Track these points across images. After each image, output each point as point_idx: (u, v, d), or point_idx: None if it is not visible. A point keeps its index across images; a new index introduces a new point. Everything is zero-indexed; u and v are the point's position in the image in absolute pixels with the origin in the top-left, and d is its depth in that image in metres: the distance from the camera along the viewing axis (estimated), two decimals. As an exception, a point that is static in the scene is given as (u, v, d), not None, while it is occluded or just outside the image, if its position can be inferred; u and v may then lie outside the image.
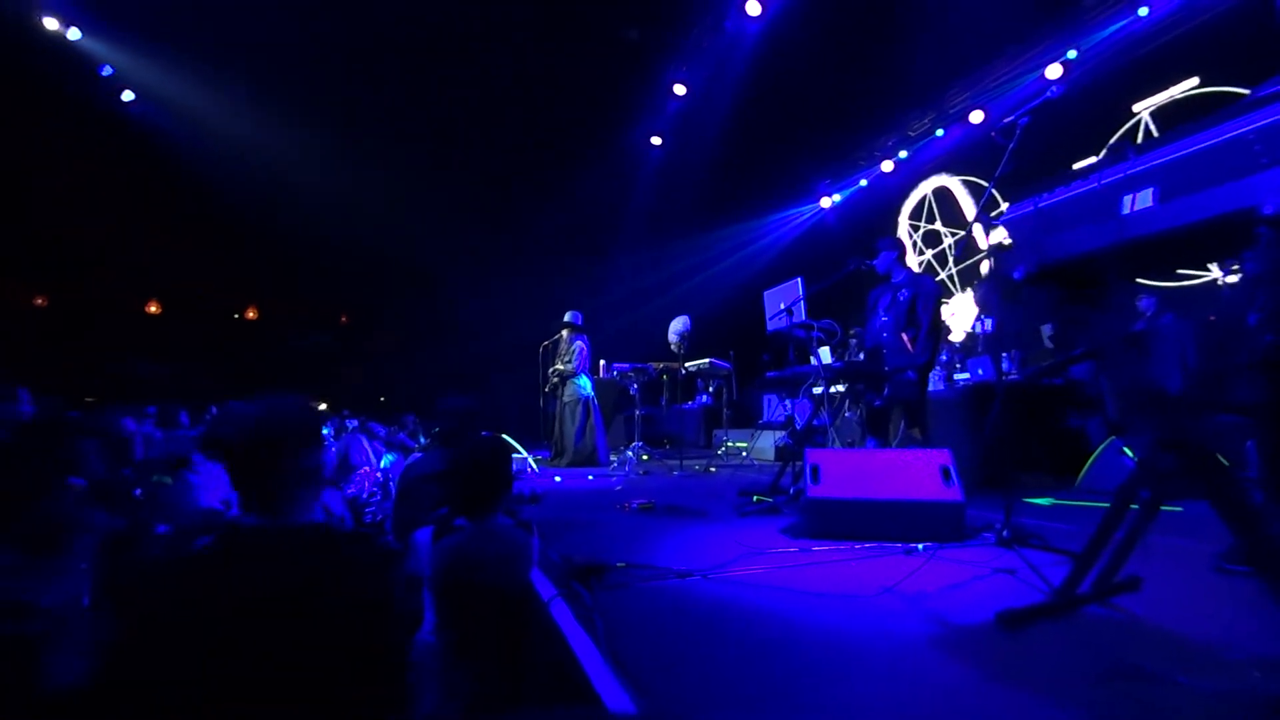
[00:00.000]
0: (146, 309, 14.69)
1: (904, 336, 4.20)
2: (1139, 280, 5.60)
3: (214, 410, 4.19)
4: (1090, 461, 4.34)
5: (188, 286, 14.28)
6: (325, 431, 6.92)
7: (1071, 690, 1.40)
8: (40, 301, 13.57)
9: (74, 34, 8.64)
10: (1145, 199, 1.82)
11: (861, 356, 4.61)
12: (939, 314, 4.25)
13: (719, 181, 11.46)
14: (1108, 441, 4.28)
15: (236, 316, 15.76)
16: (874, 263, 4.44)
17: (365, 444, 5.25)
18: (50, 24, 8.35)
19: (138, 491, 2.92)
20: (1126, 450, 4.05)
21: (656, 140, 11.51)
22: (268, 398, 1.47)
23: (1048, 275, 2.01)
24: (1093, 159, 2.17)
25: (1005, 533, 2.60)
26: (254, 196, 11.23)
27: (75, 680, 1.55)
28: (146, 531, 2.46)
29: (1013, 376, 5.05)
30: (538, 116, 10.89)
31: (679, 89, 10.07)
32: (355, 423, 8.53)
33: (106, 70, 9.35)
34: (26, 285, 13.26)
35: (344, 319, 16.41)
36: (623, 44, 9.56)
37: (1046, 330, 5.72)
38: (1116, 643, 1.69)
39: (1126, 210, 1.82)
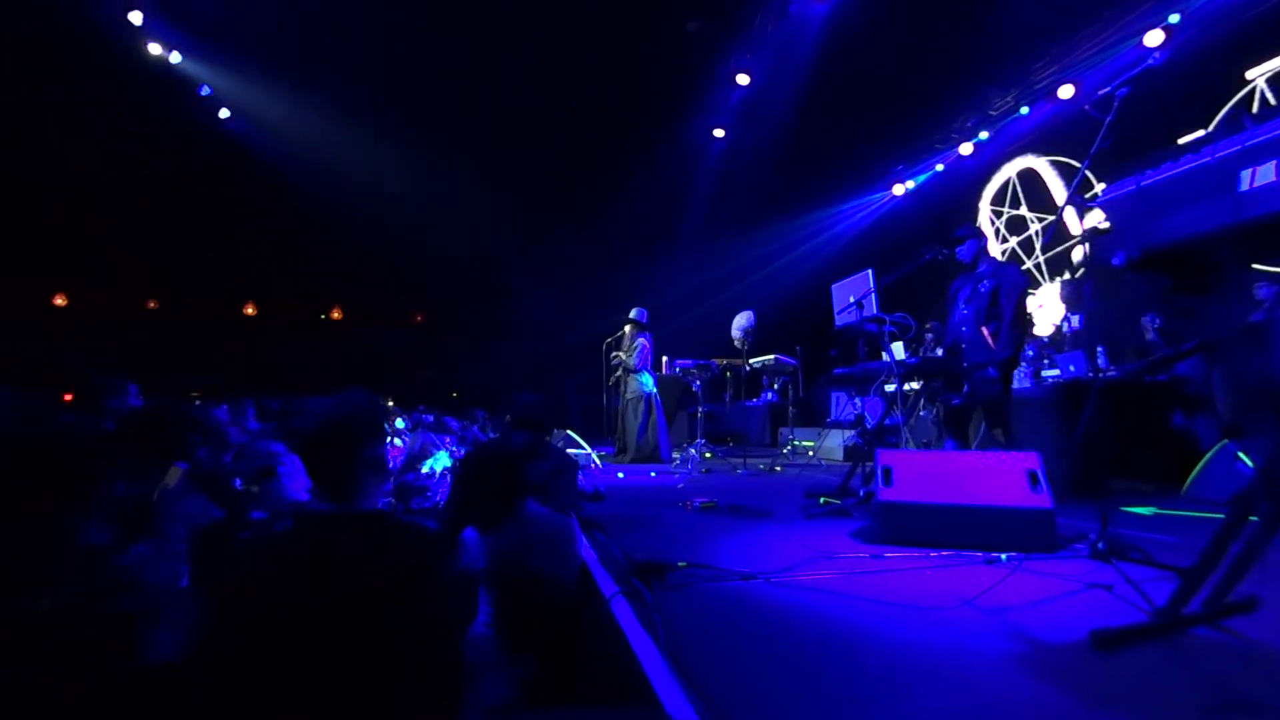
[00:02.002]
0: (244, 311, 15.85)
1: (985, 331, 3.94)
2: (1257, 265, 5.05)
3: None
4: (1199, 468, 3.93)
5: (279, 290, 15.32)
6: (401, 425, 7.25)
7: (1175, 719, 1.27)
8: (152, 305, 14.92)
9: (175, 58, 9.40)
10: (1266, 173, 1.62)
11: (939, 352, 4.36)
12: (1024, 306, 3.95)
13: (784, 172, 11.20)
14: (1219, 445, 3.87)
15: (323, 317, 16.74)
16: (958, 251, 4.17)
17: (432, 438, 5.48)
18: (154, 50, 9.11)
19: (237, 482, 3.13)
20: (1242, 456, 3.65)
21: (719, 132, 11.34)
22: (336, 395, 1.59)
23: (1152, 261, 1.83)
24: (1201, 132, 1.95)
25: (1100, 544, 2.38)
26: (336, 202, 11.92)
27: (170, 655, 1.68)
28: (243, 519, 2.64)
29: (1110, 373, 4.65)
30: (600, 114, 10.98)
31: (742, 78, 9.87)
32: (430, 418, 8.90)
33: (205, 90, 10.13)
34: (140, 292, 14.63)
35: (419, 318, 17.13)
36: (684, 36, 9.47)
37: (1150, 322, 5.24)
38: (1227, 670, 1.52)
39: (1244, 186, 1.63)
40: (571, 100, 10.66)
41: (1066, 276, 8.29)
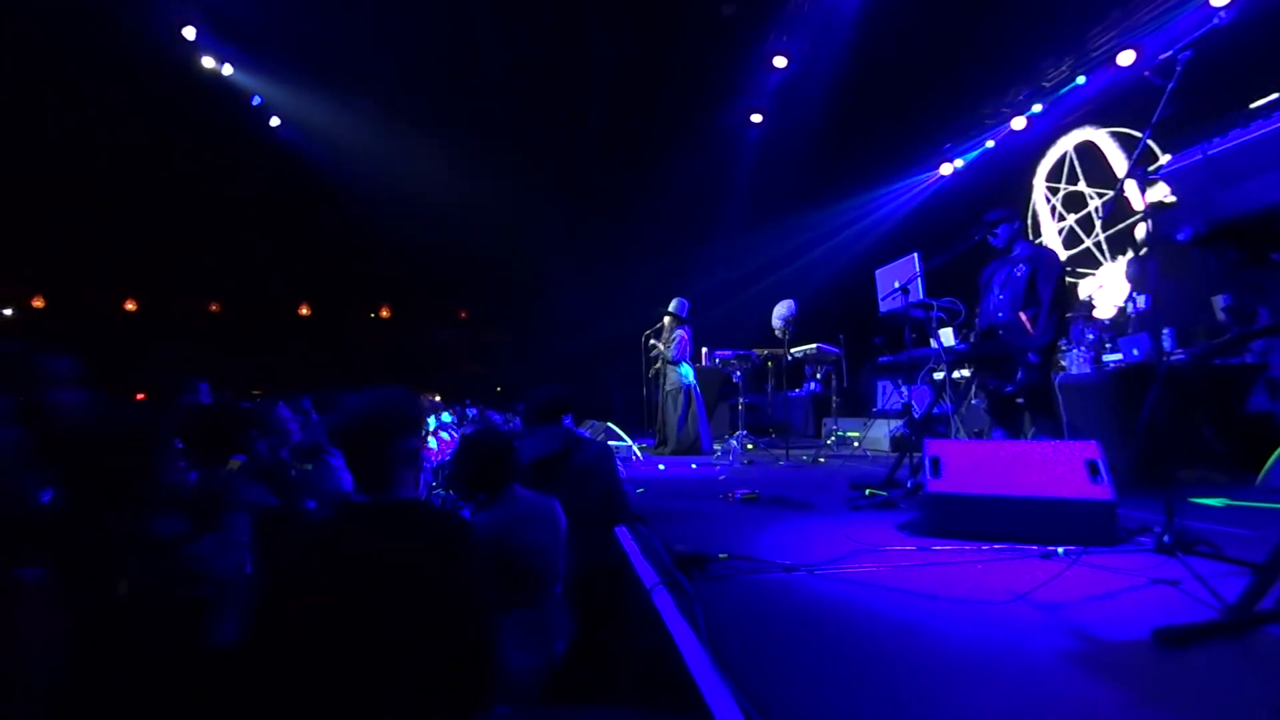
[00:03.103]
0: (299, 311, 16.53)
1: (1023, 316, 3.80)
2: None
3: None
4: (1275, 456, 3.68)
5: (331, 291, 15.93)
6: (448, 419, 7.44)
7: (1250, 725, 1.20)
8: (214, 308, 15.72)
9: (227, 70, 9.81)
10: (1352, 138, 1.50)
11: (973, 338, 4.23)
12: (1062, 289, 3.83)
13: (825, 155, 10.92)
14: (1300, 431, 3.62)
15: (373, 316, 17.32)
16: (991, 236, 4.03)
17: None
18: (207, 63, 9.53)
19: (294, 473, 3.29)
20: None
21: (757, 118, 11.14)
22: (373, 390, 1.72)
23: (1222, 235, 1.71)
24: (1274, 95, 1.82)
25: (1166, 537, 2.26)
26: (382, 204, 12.29)
27: (232, 640, 1.79)
28: (296, 509, 2.78)
29: (1176, 356, 4.39)
30: (636, 102, 10.92)
31: (779, 61, 9.65)
32: (475, 411, 9.11)
33: (256, 100, 10.55)
34: (204, 295, 15.45)
35: (464, 315, 17.51)
36: (719, 19, 9.32)
37: (1220, 301, 4.90)
38: (1311, 672, 1.42)
39: (1327, 153, 1.51)
40: (607, 90, 10.65)
41: (1129, 255, 7.85)
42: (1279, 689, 1.33)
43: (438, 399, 10.16)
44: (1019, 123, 9.62)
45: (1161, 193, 2.00)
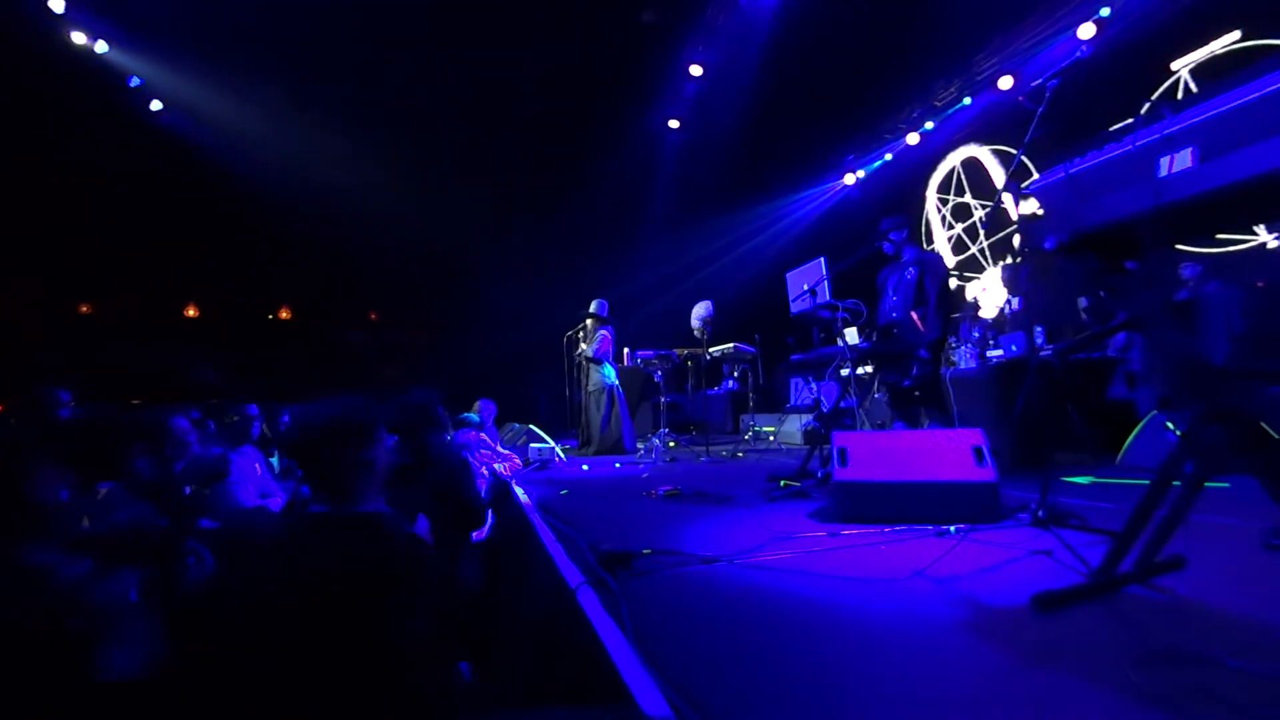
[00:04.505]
0: (185, 313, 15.15)
1: (914, 315, 4.13)
2: (1181, 246, 5.36)
3: (251, 410, 4.32)
4: (1132, 437, 4.19)
5: (222, 290, 14.68)
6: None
7: (1111, 673, 1.36)
8: (85, 309, 14.11)
9: (101, 47, 8.88)
10: (1184, 159, 1.73)
11: (874, 337, 4.56)
12: (947, 290, 4.20)
13: (740, 163, 11.30)
14: (1150, 416, 4.13)
15: (271, 317, 16.14)
16: (883, 244, 4.37)
17: None
18: (78, 39, 8.59)
19: (188, 491, 3.03)
20: (1170, 425, 3.90)
21: (674, 124, 11.37)
22: (330, 400, 1.71)
23: (1082, 244, 1.93)
24: (1129, 120, 2.07)
25: (1041, 513, 2.52)
26: (282, 198, 11.46)
27: (129, 673, 1.63)
28: (189, 530, 2.56)
29: (1046, 351, 4.90)
30: (557, 105, 10.86)
31: (695, 70, 9.92)
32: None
33: (135, 81, 9.60)
34: (71, 293, 13.80)
35: (374, 316, 16.69)
36: (638, 27, 9.44)
37: (1082, 302, 5.52)
38: (1159, 624, 1.63)
39: (1164, 172, 1.73)
40: (528, 92, 10.51)
41: (1007, 261, 8.64)
42: (1138, 643, 1.51)
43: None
44: (913, 138, 10.38)
45: (1033, 206, 2.22)
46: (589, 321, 7.33)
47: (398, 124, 11.13)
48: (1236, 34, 6.24)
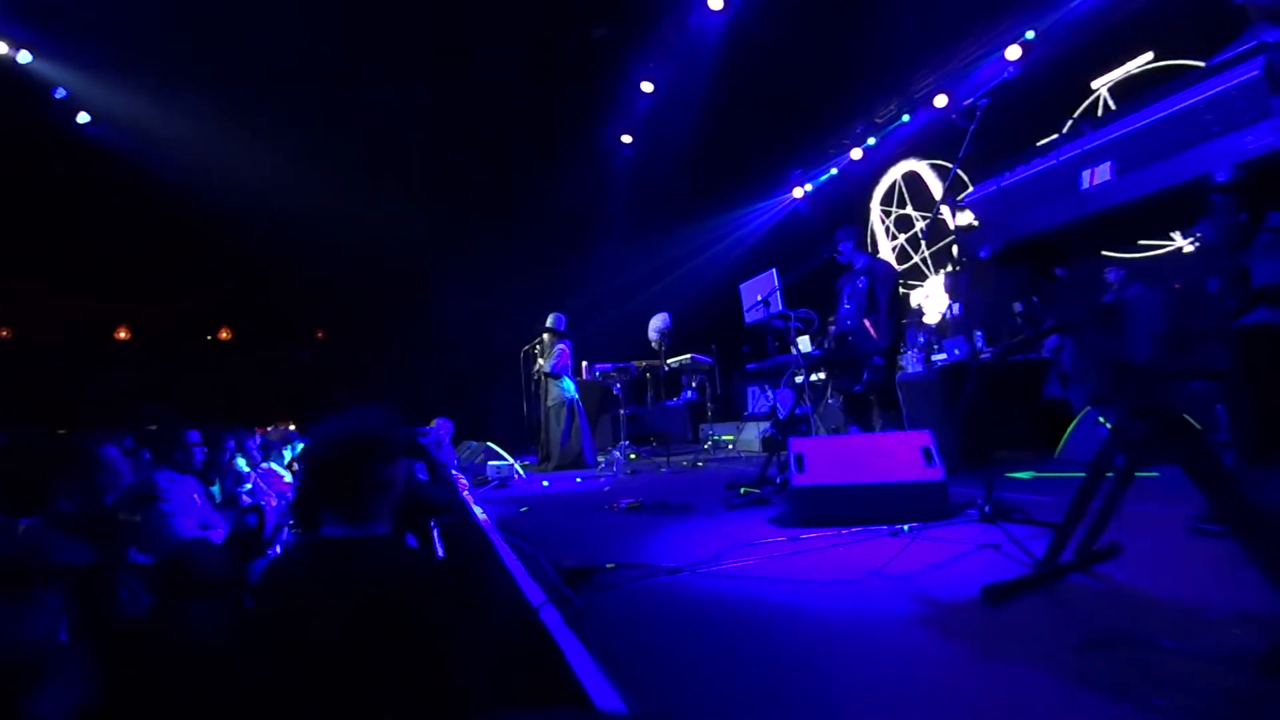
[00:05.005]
0: (116, 335, 14.34)
1: (867, 322, 4.27)
2: (1106, 253, 5.71)
3: (193, 435, 4.13)
4: (1068, 433, 4.41)
5: (156, 310, 13.97)
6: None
7: (1057, 659, 1.42)
8: (4, 333, 13.21)
9: (24, 57, 8.42)
10: (1103, 173, 1.84)
11: (828, 344, 4.70)
12: (896, 296, 4.36)
13: (691, 177, 11.48)
14: (1084, 412, 4.36)
15: (210, 338, 15.43)
16: (837, 255, 4.51)
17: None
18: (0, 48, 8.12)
19: (121, 521, 2.85)
20: (1102, 420, 4.13)
21: (627, 138, 11.50)
22: (349, 416, 1.60)
23: (1014, 253, 2.04)
24: (1054, 136, 2.20)
25: (987, 508, 2.63)
26: (220, 212, 11.00)
27: (62, 715, 1.53)
28: (119, 563, 2.41)
29: (985, 355, 5.13)
30: (509, 119, 10.82)
31: (646, 86, 10.06)
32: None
33: (60, 93, 9.11)
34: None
35: (320, 334, 16.15)
36: (590, 42, 9.52)
37: (1018, 308, 5.81)
38: (1099, 609, 1.72)
39: (1085, 185, 1.85)
40: (480, 104, 10.44)
41: (947, 269, 9.02)
42: (1080, 628, 1.59)
43: (292, 428, 9.26)
44: (857, 153, 10.77)
45: (968, 217, 2.34)
46: (546, 336, 7.28)
47: (344, 134, 10.87)
48: (1150, 55, 6.73)
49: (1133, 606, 1.73)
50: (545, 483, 5.88)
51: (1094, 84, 7.23)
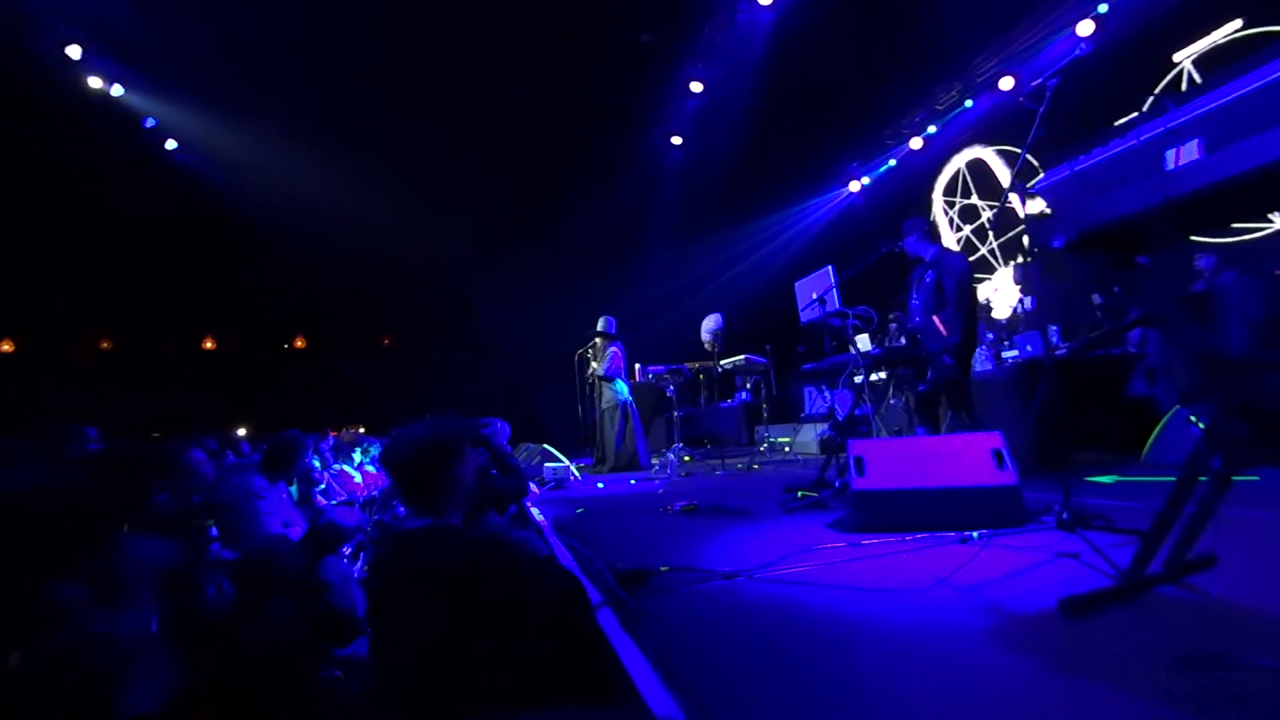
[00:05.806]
0: (203, 345, 15.41)
1: (936, 319, 4.05)
2: (1195, 238, 5.30)
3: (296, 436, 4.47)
4: (1155, 433, 4.10)
5: (239, 321, 14.96)
6: (376, 452, 7.11)
7: (1142, 679, 1.32)
8: (105, 345, 14.41)
9: (117, 90, 9.17)
10: (1190, 151, 1.72)
11: (903, 341, 4.49)
12: (966, 290, 4.05)
13: (742, 176, 11.37)
14: (1173, 411, 4.04)
15: (286, 347, 16.38)
16: (904, 246, 4.31)
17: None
18: (94, 83, 8.87)
19: (214, 529, 3.04)
20: (1194, 419, 3.82)
21: (677, 140, 11.49)
22: (426, 421, 1.82)
23: (1091, 241, 1.91)
24: (1133, 115, 2.05)
25: (1065, 515, 2.46)
26: (292, 230, 11.70)
27: (150, 707, 1.64)
28: (204, 560, 2.57)
29: (1061, 350, 4.83)
30: (559, 128, 11.03)
31: (695, 86, 10.04)
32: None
33: (150, 122, 9.89)
34: (93, 330, 14.13)
35: (386, 342, 16.87)
36: (636, 48, 9.59)
37: (1097, 299, 5.45)
38: (1191, 625, 1.59)
39: (1170, 165, 1.72)
40: (530, 115, 10.68)
41: (1018, 261, 8.57)
42: (1169, 645, 1.47)
43: (361, 431, 9.71)
44: (917, 143, 10.38)
45: (1040, 205, 2.21)
46: (598, 339, 7.35)
47: (405, 153, 11.34)
48: (1238, 23, 6.20)
49: (1229, 622, 1.59)
50: (600, 484, 5.93)
51: (1176, 57, 6.71)
